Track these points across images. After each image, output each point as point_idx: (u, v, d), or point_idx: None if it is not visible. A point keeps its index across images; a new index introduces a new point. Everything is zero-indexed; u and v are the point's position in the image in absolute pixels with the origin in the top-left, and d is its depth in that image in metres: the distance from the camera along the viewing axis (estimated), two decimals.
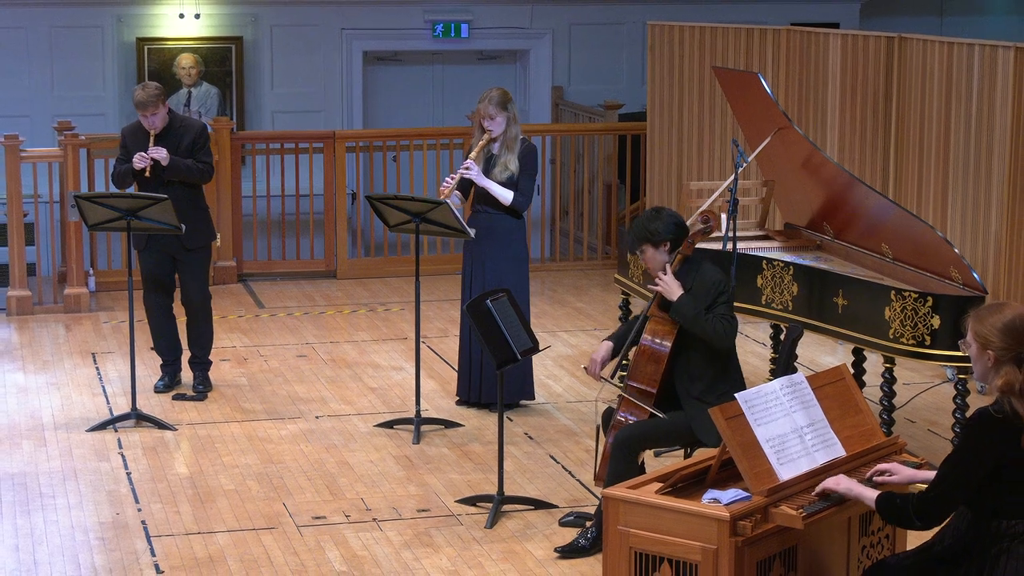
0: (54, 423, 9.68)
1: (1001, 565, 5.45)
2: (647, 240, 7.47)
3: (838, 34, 11.75)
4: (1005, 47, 10.06)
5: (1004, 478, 5.43)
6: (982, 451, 5.41)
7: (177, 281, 10.17)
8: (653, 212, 7.54)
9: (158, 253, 9.98)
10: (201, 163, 9.93)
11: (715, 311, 7.32)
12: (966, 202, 10.42)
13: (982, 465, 5.41)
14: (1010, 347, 5.46)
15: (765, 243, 9.76)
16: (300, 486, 8.61)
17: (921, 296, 8.21)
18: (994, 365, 5.47)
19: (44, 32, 14.73)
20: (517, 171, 9.59)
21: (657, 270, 7.48)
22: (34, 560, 7.59)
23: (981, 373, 5.56)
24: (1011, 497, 5.46)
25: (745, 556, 5.62)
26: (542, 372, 10.69)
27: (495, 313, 8.02)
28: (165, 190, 9.70)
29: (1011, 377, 5.43)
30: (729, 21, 13.73)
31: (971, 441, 5.44)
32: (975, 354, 5.54)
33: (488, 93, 9.62)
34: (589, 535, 7.62)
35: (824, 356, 11.00)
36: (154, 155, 9.73)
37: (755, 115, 9.69)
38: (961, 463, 5.44)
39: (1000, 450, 5.40)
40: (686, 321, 7.32)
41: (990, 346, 5.47)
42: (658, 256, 7.47)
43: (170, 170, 9.80)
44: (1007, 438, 5.38)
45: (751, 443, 5.80)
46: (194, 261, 10.06)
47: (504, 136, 9.61)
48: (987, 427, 5.40)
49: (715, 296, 7.34)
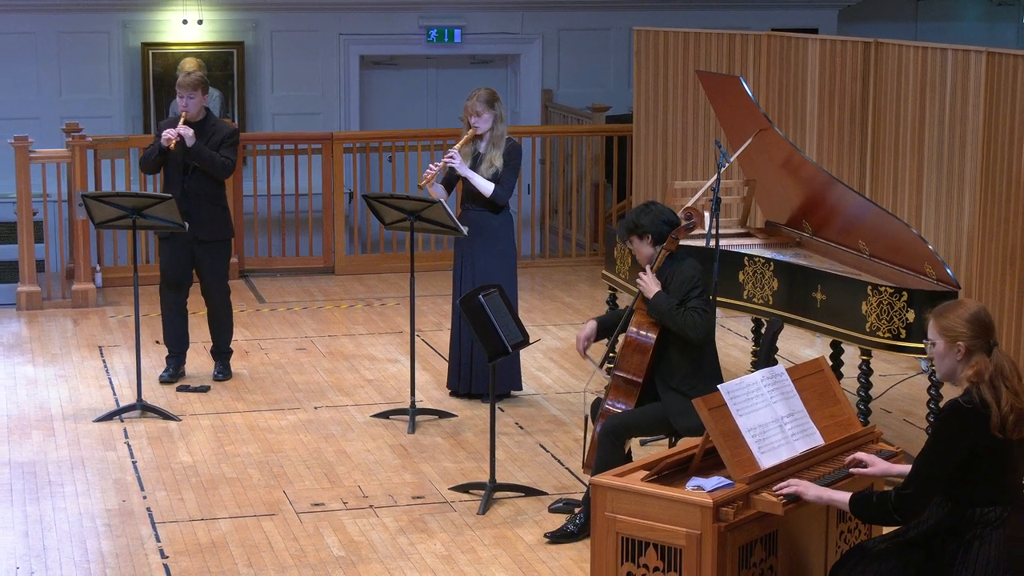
0: (62, 414, 9.67)
1: (974, 550, 5.45)
2: (632, 231, 7.51)
3: (817, 39, 11.75)
4: (977, 51, 10.06)
5: (978, 466, 5.43)
6: (954, 442, 5.41)
7: (194, 276, 10.19)
8: (644, 206, 7.56)
9: (179, 247, 10.00)
10: (224, 157, 9.96)
11: (688, 304, 7.33)
12: (939, 200, 10.43)
13: (955, 455, 5.41)
14: (979, 336, 5.47)
15: (746, 240, 9.76)
16: (300, 474, 8.60)
17: (896, 291, 8.22)
18: (965, 356, 5.47)
19: (52, 37, 14.71)
20: (501, 168, 9.59)
21: (645, 260, 7.51)
22: (43, 545, 7.58)
23: (948, 369, 5.53)
24: (984, 486, 5.46)
25: (728, 541, 5.62)
26: (532, 364, 10.69)
27: (487, 308, 8.02)
28: (189, 179, 9.83)
29: (982, 366, 5.43)
30: (712, 27, 13.73)
31: (943, 433, 5.44)
32: (942, 350, 5.52)
33: (476, 92, 9.62)
34: (577, 521, 7.62)
35: (803, 349, 11.00)
36: (181, 131, 9.77)
37: (737, 117, 9.69)
38: (935, 455, 5.44)
39: (972, 439, 5.40)
40: (660, 316, 7.35)
41: (960, 338, 5.46)
42: (643, 248, 7.49)
43: (193, 152, 9.83)
44: (977, 427, 5.39)
45: (733, 432, 5.80)
46: (214, 255, 10.10)
47: (491, 134, 9.61)
48: (958, 418, 5.40)
49: (688, 290, 7.35)
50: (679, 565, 5.65)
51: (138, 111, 14.88)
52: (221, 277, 10.20)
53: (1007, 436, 5.40)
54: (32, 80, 14.70)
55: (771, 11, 16.25)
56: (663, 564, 5.70)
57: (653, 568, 5.72)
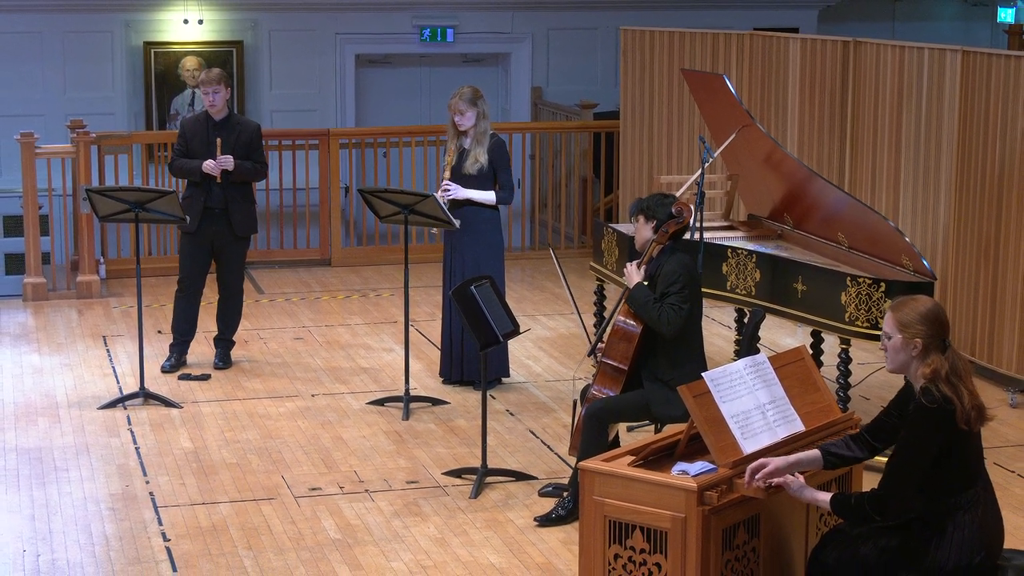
0: (67, 401, 9.66)
1: (948, 535, 5.45)
2: (643, 212, 7.52)
3: (798, 38, 11.75)
4: (952, 50, 10.07)
5: (948, 459, 5.43)
6: (927, 442, 5.40)
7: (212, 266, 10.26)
8: (662, 196, 7.58)
9: (202, 243, 10.03)
10: (258, 163, 10.08)
11: (666, 300, 7.31)
12: (916, 193, 10.43)
13: (928, 455, 5.41)
14: (936, 334, 5.45)
15: (730, 233, 9.76)
16: (297, 460, 8.59)
17: (875, 282, 8.22)
18: (920, 353, 5.46)
19: (58, 37, 14.67)
20: (486, 163, 9.58)
21: (642, 242, 7.51)
22: (49, 529, 7.57)
23: (902, 363, 5.52)
24: (955, 476, 5.46)
25: (711, 524, 5.62)
26: (522, 353, 10.69)
27: (479, 298, 8.01)
28: (224, 177, 9.92)
29: (938, 364, 5.42)
30: (696, 26, 13.71)
31: (915, 436, 5.43)
32: (898, 345, 5.50)
33: (460, 90, 9.62)
34: (566, 504, 7.61)
35: (785, 338, 11.00)
36: (224, 166, 9.88)
37: (721, 114, 9.68)
38: (908, 457, 5.43)
39: (943, 437, 5.40)
40: (636, 307, 7.36)
41: (918, 335, 5.45)
42: (644, 230, 7.50)
43: (234, 173, 9.93)
44: (946, 424, 5.38)
45: (717, 419, 5.80)
46: (240, 249, 10.18)
47: (474, 130, 9.61)
48: (927, 419, 5.39)
49: (667, 285, 7.33)
50: (664, 547, 5.65)
51: (140, 108, 14.84)
52: (241, 270, 10.29)
53: (971, 428, 5.41)
54: (38, 78, 14.66)
55: (753, 11, 16.24)
56: (649, 546, 5.70)
57: (640, 550, 5.72)
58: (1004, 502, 6.93)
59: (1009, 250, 9.68)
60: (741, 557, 5.78)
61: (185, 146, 10.04)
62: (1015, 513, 7.77)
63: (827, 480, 6.06)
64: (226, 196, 9.98)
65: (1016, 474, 8.44)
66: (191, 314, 10.23)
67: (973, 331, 10.04)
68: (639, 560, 5.73)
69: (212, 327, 10.48)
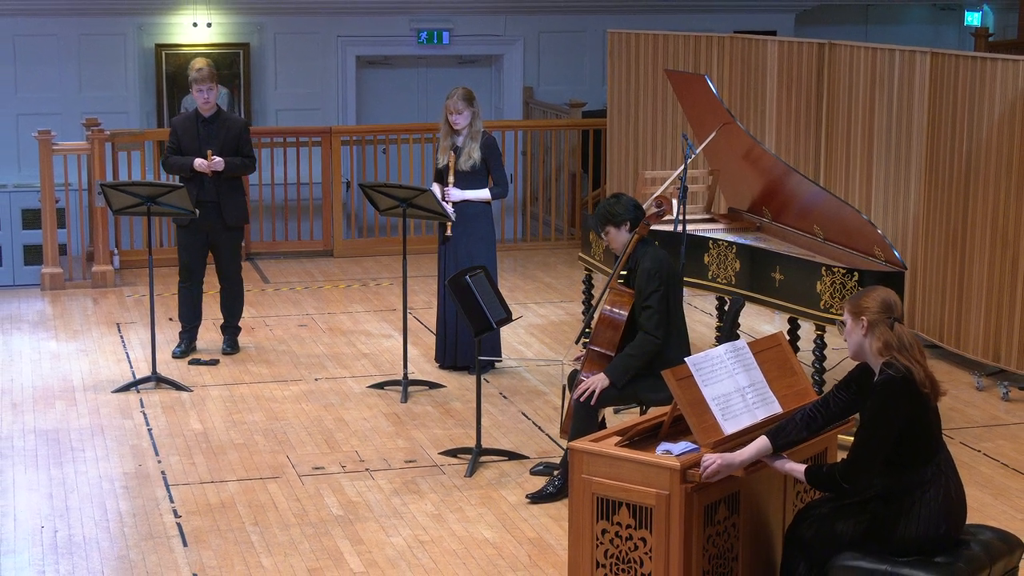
0: (83, 385, 9.64)
1: (915, 511, 5.46)
2: (609, 222, 7.45)
3: (775, 41, 11.73)
4: (922, 52, 10.06)
5: (914, 430, 5.43)
6: (895, 413, 5.40)
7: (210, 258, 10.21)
8: (614, 198, 7.51)
9: (196, 235, 10.00)
10: (247, 158, 10.04)
11: (643, 306, 7.26)
12: (887, 187, 10.42)
13: (895, 426, 5.41)
14: (882, 311, 5.46)
15: (711, 225, 9.75)
16: (301, 440, 8.58)
17: (848, 272, 8.21)
18: (868, 330, 5.46)
19: (73, 39, 14.64)
20: (479, 159, 9.56)
21: (619, 248, 7.45)
22: (66, 506, 7.55)
23: (856, 345, 5.53)
24: (919, 448, 5.46)
25: (694, 501, 5.61)
26: (514, 339, 10.67)
27: (473, 287, 7.99)
28: (215, 175, 9.89)
29: (887, 336, 5.42)
30: (679, 29, 13.70)
31: (882, 406, 5.42)
32: (849, 328, 5.53)
33: (455, 91, 9.60)
34: (556, 482, 7.60)
35: (763, 325, 11.00)
36: (215, 168, 9.86)
37: (702, 112, 9.67)
38: (876, 428, 5.43)
39: (909, 407, 5.40)
40: (628, 372, 7.26)
41: (864, 313, 5.46)
42: (620, 235, 7.45)
43: (225, 170, 9.92)
44: (909, 392, 5.39)
45: (699, 401, 5.79)
46: (234, 239, 10.15)
47: (469, 129, 9.59)
48: (894, 390, 5.39)
49: (645, 284, 7.25)
50: (649, 523, 5.64)
51: (152, 107, 14.81)
52: (237, 259, 10.23)
53: (931, 397, 5.42)
54: (55, 78, 14.63)
55: (734, 15, 16.23)
56: (635, 522, 5.69)
57: (626, 526, 5.71)
58: (970, 480, 6.95)
59: (975, 240, 9.67)
60: (722, 532, 5.77)
61: (177, 143, 10.00)
62: (981, 490, 7.77)
63: (807, 457, 6.05)
64: (217, 189, 9.94)
65: (982, 453, 8.43)
66: (195, 303, 10.22)
67: (941, 317, 10.04)
68: (625, 535, 5.72)
69: (219, 315, 10.47)
